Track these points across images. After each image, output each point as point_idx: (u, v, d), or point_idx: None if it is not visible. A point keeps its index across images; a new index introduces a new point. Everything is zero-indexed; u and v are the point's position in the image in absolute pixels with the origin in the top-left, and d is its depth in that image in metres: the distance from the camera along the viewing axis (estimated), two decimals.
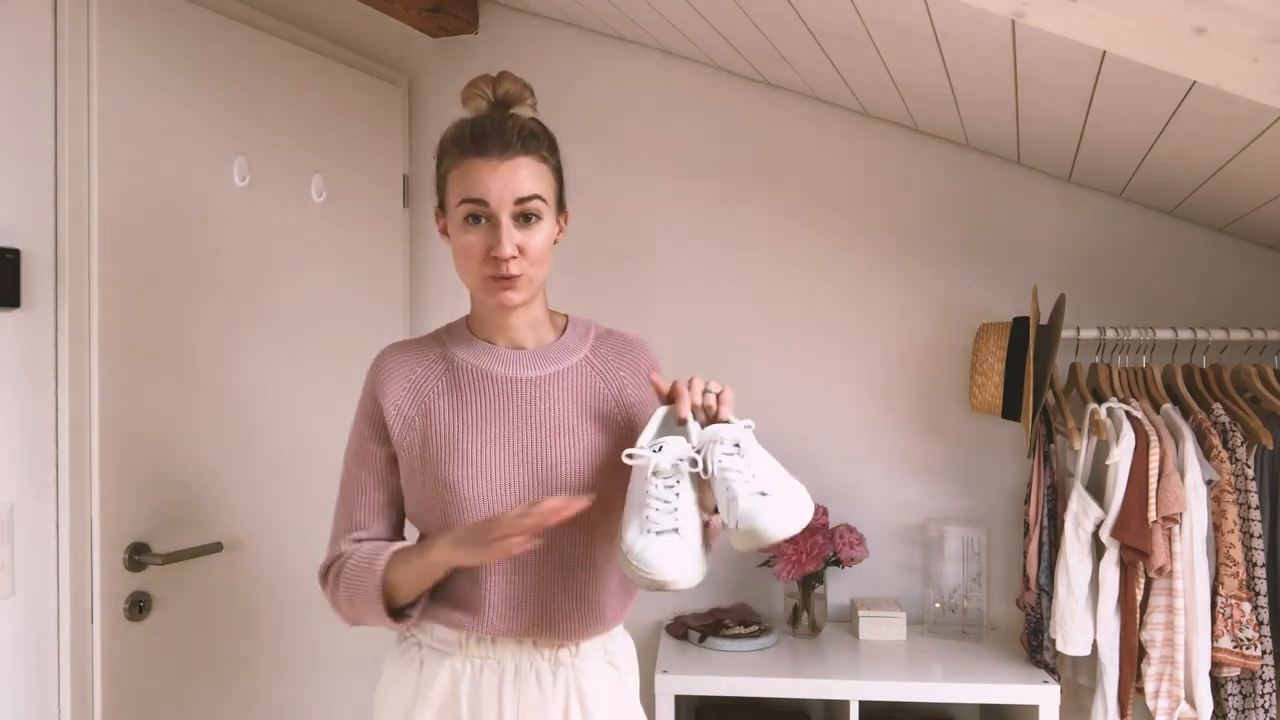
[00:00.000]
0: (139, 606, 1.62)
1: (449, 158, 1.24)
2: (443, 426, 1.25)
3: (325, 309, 2.07)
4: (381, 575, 1.22)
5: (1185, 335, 2.02)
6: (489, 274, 1.21)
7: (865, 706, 1.96)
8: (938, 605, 2.19)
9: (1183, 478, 1.82)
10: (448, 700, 1.25)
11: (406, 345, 1.33)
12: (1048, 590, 1.97)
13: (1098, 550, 1.89)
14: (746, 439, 1.15)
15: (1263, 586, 1.84)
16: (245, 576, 1.85)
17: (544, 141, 1.25)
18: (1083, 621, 1.87)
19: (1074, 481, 1.93)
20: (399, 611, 1.26)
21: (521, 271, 1.21)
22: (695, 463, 1.14)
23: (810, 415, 2.32)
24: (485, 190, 1.19)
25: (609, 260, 2.38)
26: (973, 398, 2.10)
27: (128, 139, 1.61)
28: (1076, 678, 2.03)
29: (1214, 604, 1.84)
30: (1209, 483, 1.85)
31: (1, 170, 1.43)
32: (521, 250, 1.21)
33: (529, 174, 1.21)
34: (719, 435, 1.15)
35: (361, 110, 2.19)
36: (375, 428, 1.28)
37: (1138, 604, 1.86)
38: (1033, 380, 1.92)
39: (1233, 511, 1.85)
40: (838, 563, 2.16)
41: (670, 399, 1.23)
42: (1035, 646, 2.00)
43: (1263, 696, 1.84)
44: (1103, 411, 1.92)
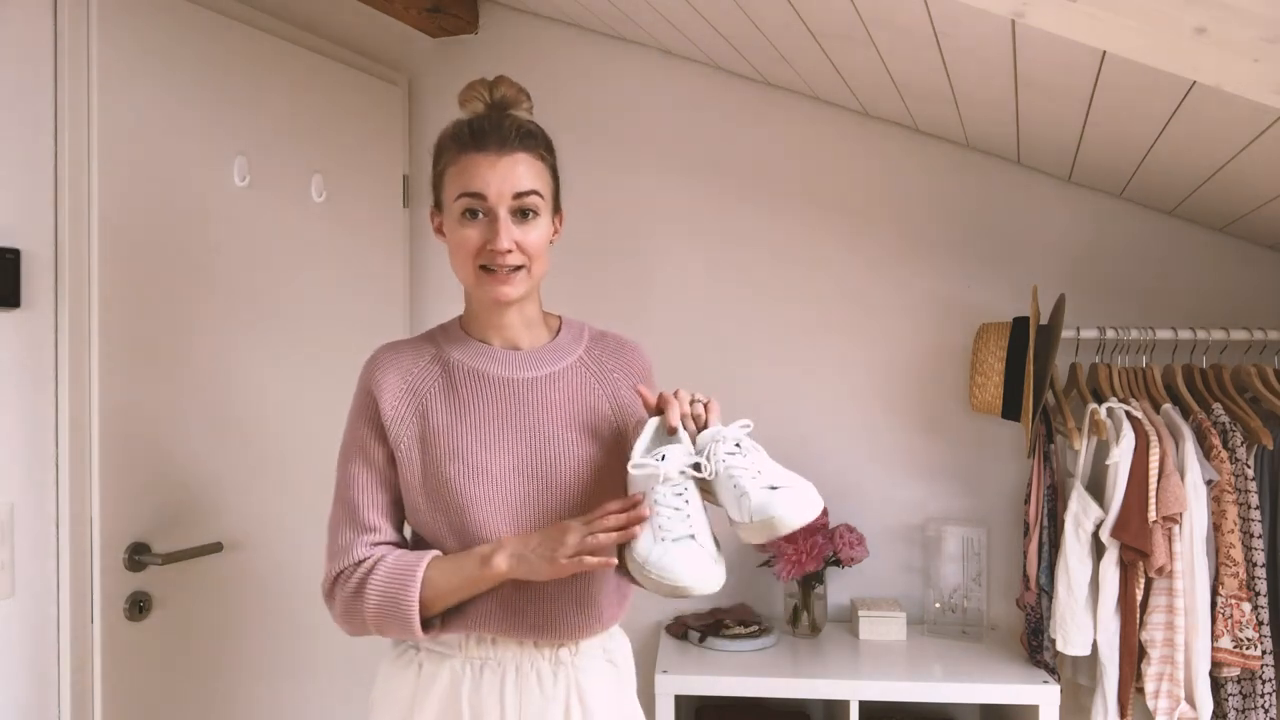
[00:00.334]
0: (139, 606, 1.62)
1: (447, 154, 1.24)
2: (441, 428, 1.25)
3: (325, 309, 2.07)
4: (420, 587, 1.20)
5: (1185, 335, 2.01)
6: (485, 269, 1.22)
7: (865, 706, 1.96)
8: (938, 605, 2.19)
9: (1183, 478, 1.82)
10: (448, 702, 1.25)
11: (400, 345, 1.33)
12: (1048, 590, 1.97)
13: (1098, 550, 1.89)
14: (746, 439, 1.16)
15: (1263, 586, 1.84)
16: (245, 576, 1.85)
17: (541, 141, 1.26)
18: (1083, 621, 1.87)
19: (1074, 481, 1.93)
20: (425, 622, 1.24)
21: (518, 264, 1.21)
22: (700, 466, 1.14)
23: (810, 415, 2.32)
24: (484, 184, 1.19)
25: (609, 260, 2.38)
26: (973, 398, 2.10)
27: (128, 139, 1.60)
28: (1076, 678, 2.03)
29: (1214, 604, 1.84)
30: (1209, 483, 1.85)
31: (1, 170, 1.43)
32: (519, 246, 1.21)
33: (527, 170, 1.22)
34: (720, 435, 1.15)
35: (361, 110, 2.19)
36: (373, 427, 1.28)
37: (1138, 604, 1.86)
38: (1033, 380, 1.92)
39: (1233, 511, 1.85)
40: (838, 563, 2.16)
41: (659, 410, 1.22)
42: (1035, 646, 2.00)
43: (1263, 696, 1.84)
44: (1103, 411, 1.92)
